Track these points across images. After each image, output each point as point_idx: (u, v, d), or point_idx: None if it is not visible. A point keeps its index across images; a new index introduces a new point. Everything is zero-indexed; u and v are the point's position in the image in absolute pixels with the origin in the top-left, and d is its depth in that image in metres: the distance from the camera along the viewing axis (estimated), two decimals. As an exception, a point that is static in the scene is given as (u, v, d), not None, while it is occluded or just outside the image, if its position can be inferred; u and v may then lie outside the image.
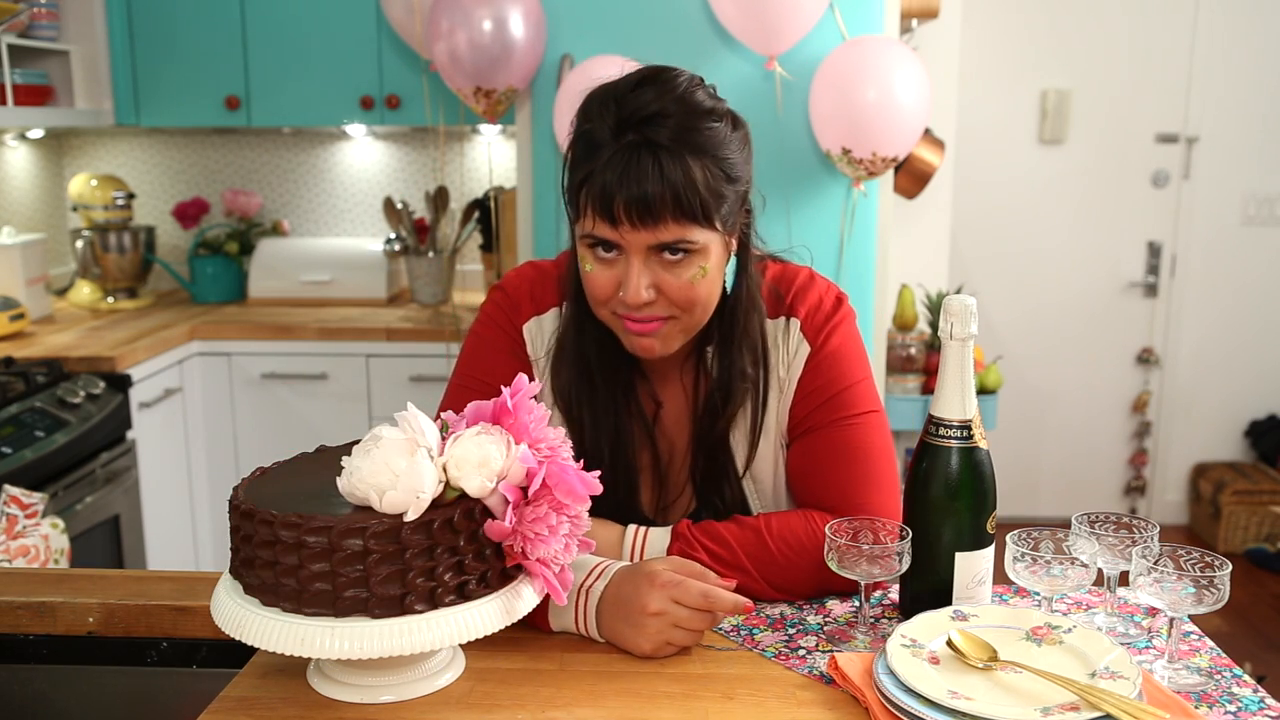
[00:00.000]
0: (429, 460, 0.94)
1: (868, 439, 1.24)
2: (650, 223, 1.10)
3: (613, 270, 1.15)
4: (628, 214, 1.10)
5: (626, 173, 1.09)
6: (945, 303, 1.11)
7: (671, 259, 1.14)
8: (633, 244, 1.12)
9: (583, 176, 1.13)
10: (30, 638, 1.21)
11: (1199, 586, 1.00)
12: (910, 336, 2.97)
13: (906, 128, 2.33)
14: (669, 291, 1.15)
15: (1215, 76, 3.99)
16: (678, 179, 1.10)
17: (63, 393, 2.40)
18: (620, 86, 1.14)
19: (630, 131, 1.11)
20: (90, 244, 3.17)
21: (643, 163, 1.09)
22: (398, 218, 3.27)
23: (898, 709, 0.93)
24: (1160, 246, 4.12)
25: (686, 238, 1.12)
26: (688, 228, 1.12)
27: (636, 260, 1.13)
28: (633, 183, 1.09)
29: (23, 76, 2.84)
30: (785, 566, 1.18)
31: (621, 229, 1.11)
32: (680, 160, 1.10)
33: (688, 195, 1.10)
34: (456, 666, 1.04)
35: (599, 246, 1.15)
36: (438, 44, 2.45)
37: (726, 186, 1.14)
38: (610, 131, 1.12)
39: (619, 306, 1.17)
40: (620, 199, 1.10)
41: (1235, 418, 4.25)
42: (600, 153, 1.11)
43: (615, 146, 1.11)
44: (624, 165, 1.10)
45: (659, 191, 1.09)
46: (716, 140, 1.13)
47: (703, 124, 1.12)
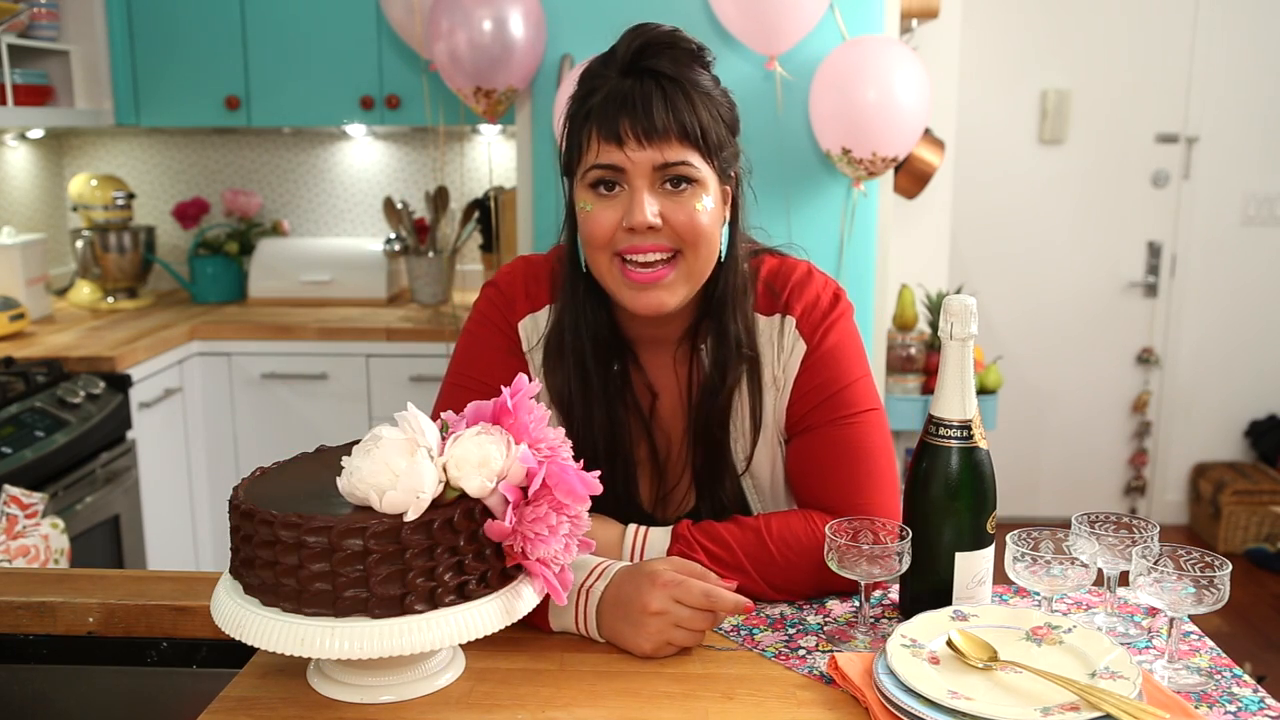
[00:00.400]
0: (429, 460, 0.94)
1: (867, 438, 1.24)
2: (655, 139, 1.13)
3: (615, 206, 1.16)
4: (634, 130, 1.13)
5: (631, 94, 1.13)
6: (945, 303, 1.11)
7: (674, 190, 1.15)
8: (638, 166, 1.14)
9: (584, 115, 1.16)
10: (30, 638, 1.21)
11: (1199, 586, 1.00)
12: (910, 336, 2.97)
13: (906, 128, 2.33)
14: (673, 221, 1.15)
15: (1215, 76, 3.99)
16: (680, 102, 1.14)
17: (63, 393, 2.40)
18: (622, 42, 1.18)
19: (630, 73, 1.15)
20: (90, 244, 3.17)
21: (646, 86, 1.14)
22: (398, 218, 3.27)
23: (898, 709, 0.93)
24: (1160, 246, 4.12)
25: (689, 161, 1.14)
26: (690, 150, 1.14)
27: (642, 184, 1.15)
28: (637, 102, 1.13)
29: (23, 76, 2.84)
30: (785, 567, 1.18)
31: (627, 148, 1.13)
32: (681, 88, 1.15)
33: (690, 117, 1.14)
34: (456, 666, 1.04)
35: (602, 184, 1.16)
36: (438, 44, 2.45)
37: (724, 130, 1.18)
38: (619, 69, 1.16)
39: (621, 242, 1.16)
40: (625, 117, 1.13)
41: (1235, 418, 4.25)
42: (599, 91, 1.16)
43: (617, 82, 1.15)
44: (628, 90, 1.14)
45: (665, 115, 1.13)
46: (712, 82, 1.18)
47: (698, 63, 1.18)
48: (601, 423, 1.26)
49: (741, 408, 1.27)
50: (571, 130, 1.19)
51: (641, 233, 1.15)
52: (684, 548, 1.17)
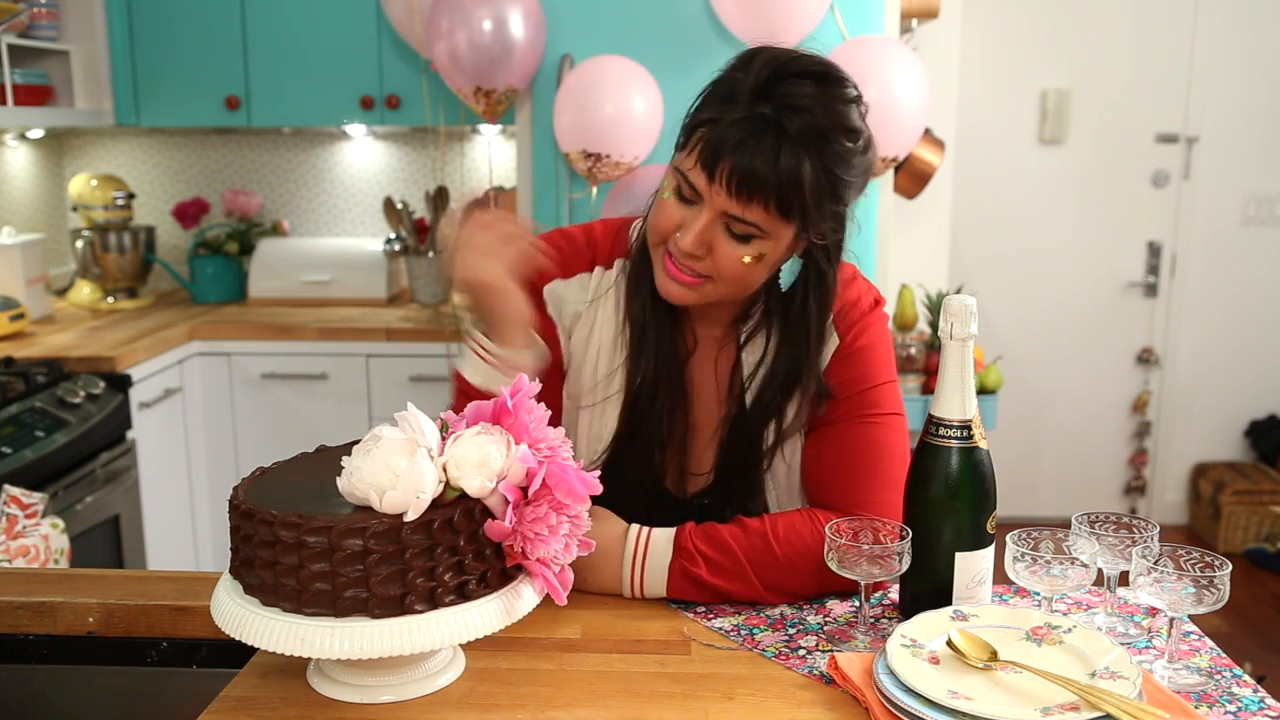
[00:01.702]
0: (429, 460, 0.94)
1: (887, 440, 1.25)
2: (743, 198, 1.11)
3: (683, 211, 1.16)
4: (727, 180, 1.11)
5: (746, 141, 1.09)
6: (945, 303, 1.11)
7: (738, 233, 1.15)
8: (714, 204, 1.13)
9: (708, 118, 1.13)
10: (30, 638, 1.21)
11: (1199, 586, 1.00)
12: (910, 336, 2.97)
13: (906, 128, 2.33)
14: (719, 258, 1.16)
15: (1215, 76, 3.99)
16: (789, 172, 1.10)
17: (63, 393, 2.40)
18: (790, 64, 1.13)
19: (770, 105, 1.10)
20: (90, 244, 3.17)
21: (765, 140, 1.09)
22: (398, 218, 3.27)
23: (898, 709, 0.93)
24: (1160, 246, 4.12)
25: (760, 226, 1.13)
26: (772, 218, 1.13)
27: (708, 217, 1.14)
28: (747, 154, 1.09)
29: (23, 76, 2.84)
30: (788, 569, 1.18)
31: (714, 188, 1.12)
32: (798, 156, 1.10)
33: (789, 191, 1.11)
34: (456, 666, 1.04)
35: (685, 186, 1.16)
36: (438, 44, 2.45)
37: (828, 202, 1.14)
38: (752, 92, 1.11)
39: (670, 245, 1.18)
40: (727, 162, 1.10)
41: (1235, 418, 4.25)
42: (733, 107, 1.11)
43: (749, 110, 1.10)
44: (748, 132, 1.09)
45: (766, 175, 1.10)
46: (840, 157, 1.13)
47: (837, 137, 1.12)
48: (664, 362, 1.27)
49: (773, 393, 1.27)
50: (695, 119, 1.15)
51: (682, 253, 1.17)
52: (685, 562, 1.18)
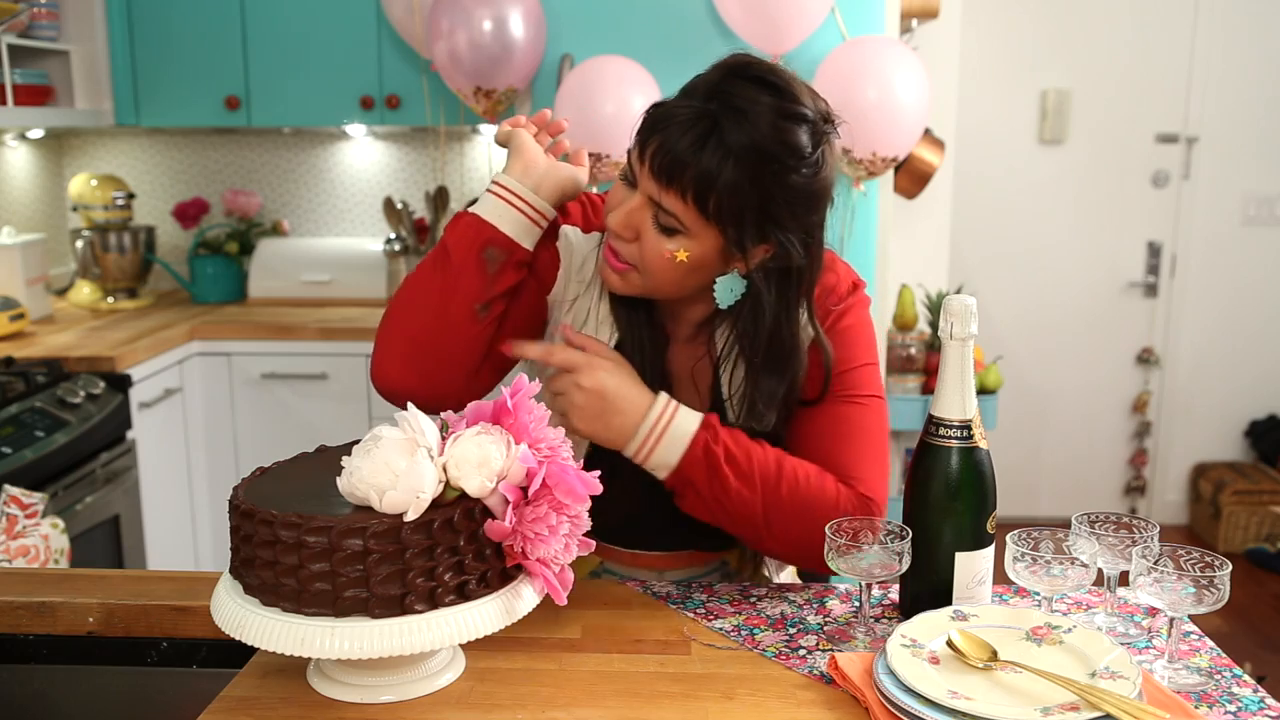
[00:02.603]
0: (429, 460, 0.94)
1: (867, 419, 1.24)
2: (662, 181, 1.11)
3: (623, 195, 1.17)
4: (651, 158, 1.11)
5: (677, 125, 1.10)
6: (945, 303, 1.11)
7: (663, 224, 1.14)
8: (643, 186, 1.14)
9: (658, 104, 1.14)
10: (30, 638, 1.21)
11: (1199, 586, 1.00)
12: (910, 336, 2.97)
13: (906, 128, 2.33)
14: (644, 247, 1.16)
15: (1215, 76, 3.99)
16: (708, 168, 1.09)
17: (63, 393, 2.40)
18: (748, 67, 1.13)
19: (716, 102, 1.10)
20: (90, 244, 3.17)
21: (696, 129, 1.09)
22: (398, 218, 3.27)
23: (898, 709, 0.93)
24: (1160, 246, 4.12)
25: (683, 219, 1.12)
26: (691, 213, 1.12)
27: (639, 200, 1.15)
28: (673, 137, 1.09)
29: (23, 76, 2.84)
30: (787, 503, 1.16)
31: (642, 169, 1.13)
32: (724, 155, 1.08)
33: (705, 187, 1.10)
34: (456, 666, 1.04)
35: (628, 168, 1.16)
36: (438, 44, 2.45)
37: (753, 215, 1.12)
38: (705, 87, 1.11)
39: (608, 219, 1.18)
40: (655, 141, 1.11)
41: (1235, 418, 4.25)
42: (685, 97, 1.12)
43: (694, 102, 1.10)
44: (684, 119, 1.10)
45: (686, 163, 1.09)
46: (774, 174, 1.10)
47: (774, 151, 1.10)
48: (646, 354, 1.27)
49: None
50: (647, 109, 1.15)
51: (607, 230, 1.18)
52: (709, 437, 1.16)
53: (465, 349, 1.21)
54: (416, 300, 1.22)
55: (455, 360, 1.21)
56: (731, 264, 1.17)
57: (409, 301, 1.22)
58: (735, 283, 1.19)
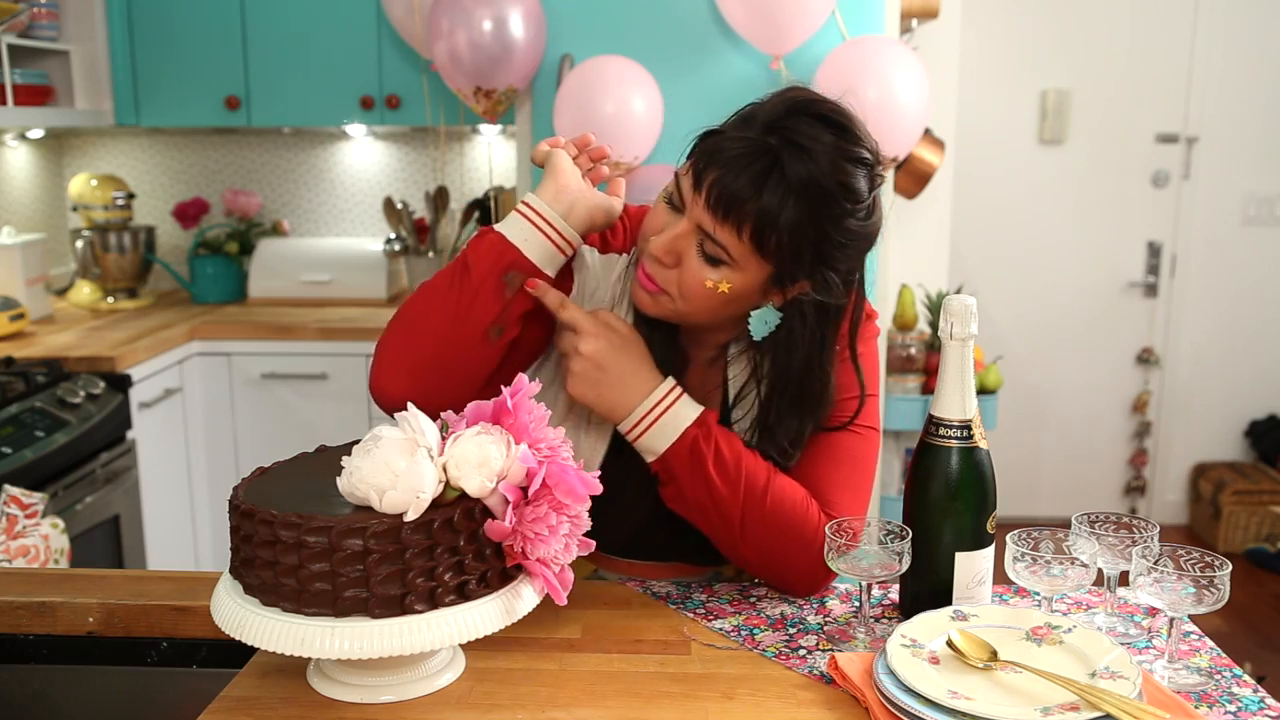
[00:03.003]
0: (429, 460, 0.94)
1: (862, 451, 1.24)
2: (719, 215, 1.09)
3: (668, 218, 1.15)
4: (708, 192, 1.09)
5: (739, 160, 1.08)
6: (945, 303, 1.11)
7: (709, 252, 1.12)
8: (693, 215, 1.12)
9: (712, 133, 1.12)
10: (30, 638, 1.21)
11: (1199, 586, 1.00)
12: (910, 336, 2.97)
13: (906, 128, 2.33)
14: (683, 273, 1.13)
15: (1215, 76, 3.99)
16: (770, 206, 1.07)
17: (63, 393, 2.40)
18: (812, 105, 1.12)
19: (777, 136, 1.09)
20: (90, 244, 3.17)
21: (758, 165, 1.07)
22: (398, 218, 3.27)
23: (898, 709, 0.93)
24: (1160, 246, 4.12)
25: (732, 252, 1.11)
26: (745, 248, 1.10)
27: (685, 227, 1.12)
28: (734, 172, 1.08)
29: (23, 76, 2.84)
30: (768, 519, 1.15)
31: (696, 197, 1.11)
32: (785, 194, 1.07)
33: (765, 224, 1.08)
34: (456, 666, 1.04)
35: (676, 193, 1.14)
36: (438, 44, 2.45)
37: (809, 256, 1.11)
38: (767, 120, 1.10)
39: (648, 242, 1.16)
40: (714, 174, 1.09)
41: (1235, 418, 4.25)
42: (744, 128, 1.10)
43: (757, 135, 1.09)
44: (744, 153, 1.08)
45: (746, 199, 1.07)
46: (832, 215, 1.10)
47: (834, 192, 1.09)
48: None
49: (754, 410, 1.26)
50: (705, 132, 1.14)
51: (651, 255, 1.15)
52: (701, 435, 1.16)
53: (473, 369, 1.19)
54: (429, 315, 1.19)
55: (461, 379, 1.19)
56: (769, 297, 1.17)
57: (420, 315, 1.20)
58: (770, 315, 1.17)
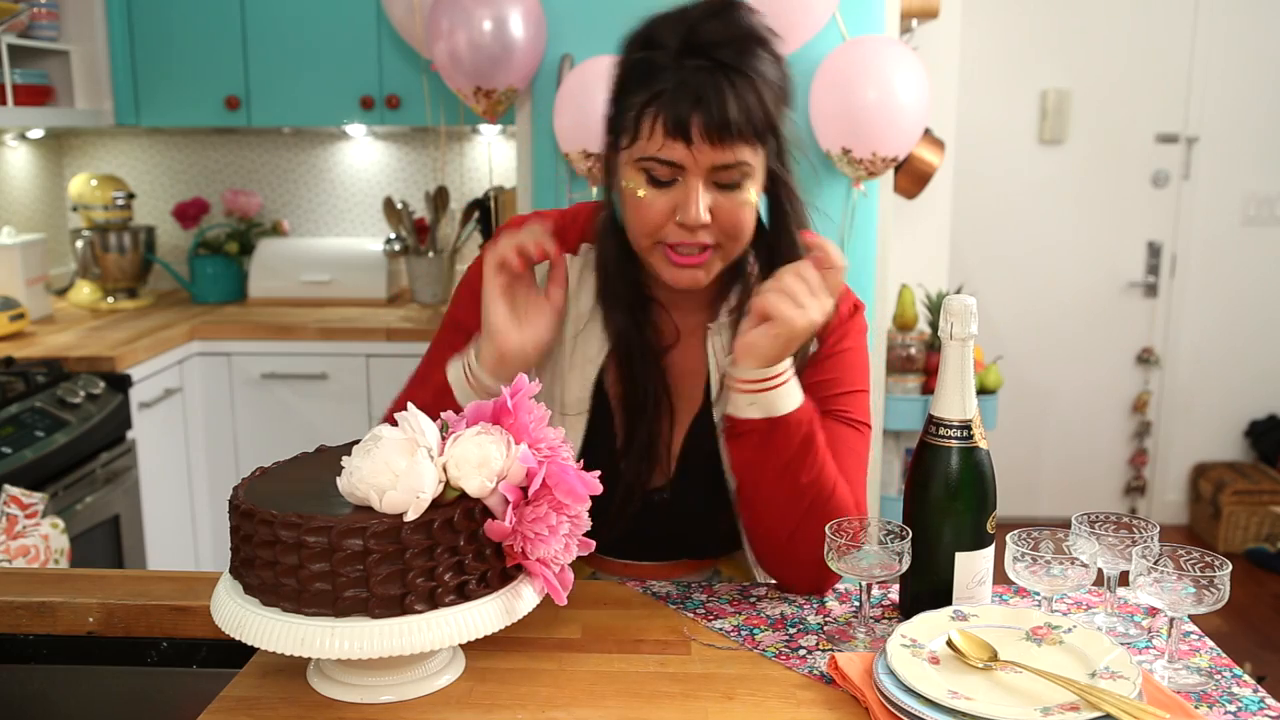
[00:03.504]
0: (429, 460, 0.94)
1: (858, 445, 1.26)
2: (725, 142, 1.11)
3: (667, 196, 1.15)
4: (705, 134, 1.11)
5: (703, 95, 1.10)
6: (945, 303, 1.11)
7: (727, 183, 1.15)
8: (700, 165, 1.13)
9: (646, 99, 1.13)
10: (30, 638, 1.21)
11: (1199, 586, 1.00)
12: (910, 336, 2.97)
13: (906, 128, 2.33)
14: (721, 217, 1.15)
15: (1215, 76, 3.99)
16: (750, 99, 1.11)
17: (63, 393, 2.40)
18: (690, 15, 1.15)
19: (698, 57, 1.11)
20: (90, 244, 3.17)
21: (717, 84, 1.10)
22: (398, 218, 3.27)
23: (898, 709, 0.93)
24: (1160, 246, 4.12)
25: (747, 160, 1.14)
26: (754, 148, 1.14)
27: (698, 181, 1.14)
28: (710, 98, 1.10)
29: (23, 76, 2.84)
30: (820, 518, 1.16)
31: (694, 148, 1.12)
32: (749, 81, 1.12)
33: (757, 114, 1.12)
34: (456, 666, 1.04)
35: (657, 172, 1.15)
36: (438, 44, 2.45)
37: (783, 110, 1.17)
38: (674, 55, 1.12)
39: (670, 235, 1.16)
40: (698, 116, 1.10)
41: (1235, 418, 4.25)
42: (665, 75, 1.12)
43: (683, 69, 1.11)
44: (698, 87, 1.10)
45: (736, 105, 1.10)
46: (774, 64, 1.16)
47: (764, 49, 1.15)
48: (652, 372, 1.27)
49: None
50: (625, 107, 1.16)
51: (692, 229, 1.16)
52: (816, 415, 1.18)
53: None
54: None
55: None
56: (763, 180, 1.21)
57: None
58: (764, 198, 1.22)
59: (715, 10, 1.15)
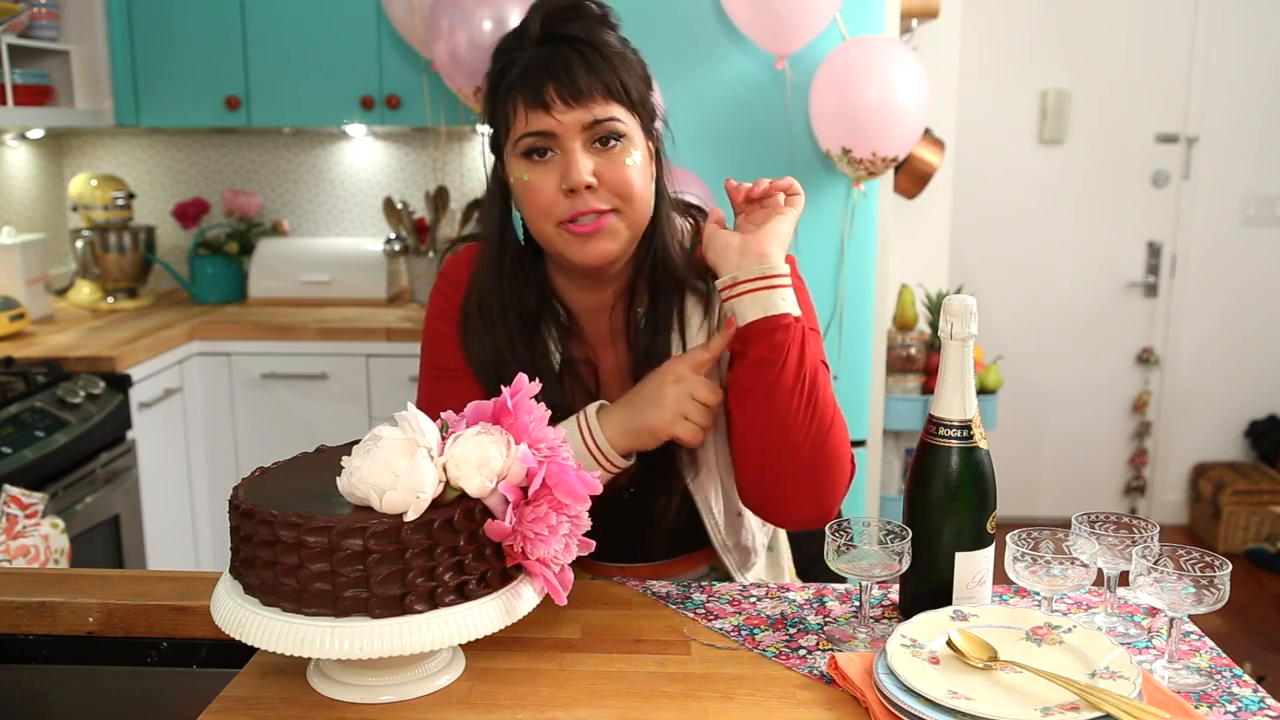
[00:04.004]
0: (429, 460, 0.94)
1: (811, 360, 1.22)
2: (581, 98, 1.16)
3: (551, 171, 1.18)
4: (560, 93, 1.15)
5: (551, 59, 1.16)
6: (945, 303, 1.11)
7: (605, 149, 1.18)
8: (568, 127, 1.16)
9: (508, 83, 1.18)
10: (30, 638, 1.21)
11: (1199, 586, 1.00)
12: (910, 336, 2.97)
13: (906, 128, 2.33)
14: (607, 179, 1.18)
15: (1215, 76, 3.99)
16: (598, 62, 1.17)
17: (63, 393, 2.40)
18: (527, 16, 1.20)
19: (549, 41, 1.18)
20: (90, 244, 3.17)
21: (563, 51, 1.17)
22: (398, 218, 3.27)
23: (898, 709, 0.93)
24: (1160, 246, 4.12)
25: (615, 116, 1.18)
26: (614, 105, 1.18)
27: (573, 144, 1.17)
28: (559, 66, 1.16)
29: (23, 76, 2.84)
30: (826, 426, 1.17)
31: (555, 111, 1.16)
32: (597, 49, 1.18)
33: (610, 72, 1.17)
34: (456, 666, 1.04)
35: (534, 152, 1.18)
36: (438, 44, 2.45)
37: (642, 85, 1.22)
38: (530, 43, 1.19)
39: (564, 209, 1.18)
40: (549, 81, 1.15)
41: (1235, 418, 4.25)
42: (520, 59, 1.18)
43: (536, 52, 1.17)
44: (545, 56, 1.16)
45: (584, 69, 1.16)
46: (621, 43, 1.22)
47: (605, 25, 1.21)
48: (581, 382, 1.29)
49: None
50: (496, 106, 1.21)
51: (580, 193, 1.17)
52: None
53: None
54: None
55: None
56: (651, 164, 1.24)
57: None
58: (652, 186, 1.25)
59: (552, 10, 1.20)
